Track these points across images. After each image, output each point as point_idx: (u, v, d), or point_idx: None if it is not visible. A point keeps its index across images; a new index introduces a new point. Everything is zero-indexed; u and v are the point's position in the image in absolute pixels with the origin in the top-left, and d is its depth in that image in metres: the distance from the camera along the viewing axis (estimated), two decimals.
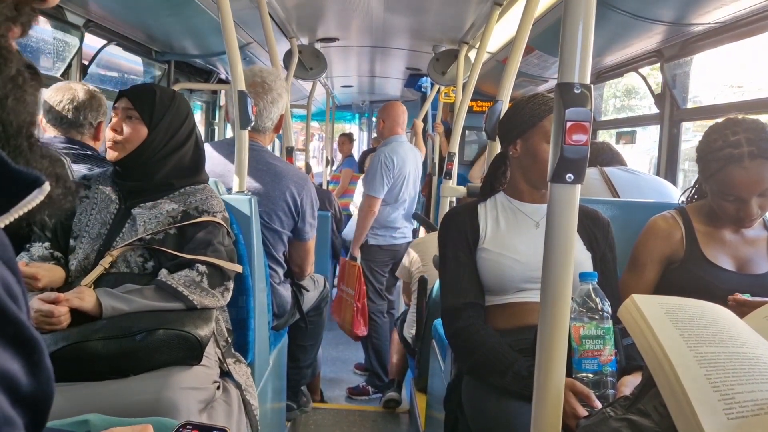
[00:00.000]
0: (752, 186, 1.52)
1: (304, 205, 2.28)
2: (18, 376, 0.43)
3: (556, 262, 0.98)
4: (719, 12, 2.18)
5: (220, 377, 1.60)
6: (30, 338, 0.45)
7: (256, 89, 2.25)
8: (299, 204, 2.27)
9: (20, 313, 0.44)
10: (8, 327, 0.43)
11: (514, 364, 1.44)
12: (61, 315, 1.40)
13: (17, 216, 0.47)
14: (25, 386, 0.44)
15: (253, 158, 2.13)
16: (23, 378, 0.43)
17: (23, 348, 0.44)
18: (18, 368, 0.43)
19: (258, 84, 2.26)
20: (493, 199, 1.72)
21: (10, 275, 0.45)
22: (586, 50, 0.95)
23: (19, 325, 0.43)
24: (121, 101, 1.65)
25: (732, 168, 1.54)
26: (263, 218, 2.17)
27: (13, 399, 0.42)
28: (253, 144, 2.18)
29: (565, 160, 0.95)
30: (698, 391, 0.72)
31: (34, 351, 0.45)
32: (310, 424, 3.22)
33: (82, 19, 2.72)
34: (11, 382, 0.42)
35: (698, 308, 0.88)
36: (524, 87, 4.36)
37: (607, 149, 2.72)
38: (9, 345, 0.42)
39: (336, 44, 4.12)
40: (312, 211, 2.33)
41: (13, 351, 0.43)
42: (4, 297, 0.42)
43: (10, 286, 0.44)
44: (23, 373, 0.43)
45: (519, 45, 2.24)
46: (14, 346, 0.43)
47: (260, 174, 2.23)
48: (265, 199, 2.20)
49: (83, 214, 1.65)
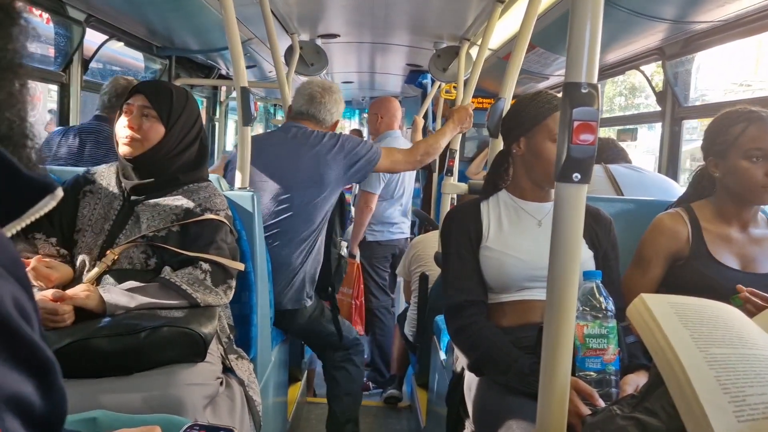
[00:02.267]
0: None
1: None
2: (31, 399, 0.42)
3: (562, 262, 0.98)
4: (722, 10, 2.17)
5: (223, 373, 1.60)
6: (44, 360, 0.44)
7: (324, 85, 2.52)
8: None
9: (33, 334, 0.43)
10: (22, 349, 0.42)
11: (517, 361, 1.45)
12: (65, 313, 1.40)
13: (29, 221, 0.47)
14: (39, 409, 0.43)
15: (303, 144, 2.37)
16: (37, 400, 0.43)
17: (37, 370, 0.43)
18: (31, 391, 0.42)
19: (324, 83, 2.55)
20: (496, 197, 1.72)
21: (23, 293, 0.44)
22: (593, 49, 0.94)
23: (32, 347, 0.43)
24: (137, 98, 1.65)
25: (755, 125, 1.58)
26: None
27: (26, 422, 0.41)
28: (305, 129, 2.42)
29: (571, 159, 0.95)
30: (708, 393, 0.72)
31: (48, 373, 0.44)
32: (312, 418, 3.23)
33: (83, 14, 2.72)
34: (24, 405, 0.42)
35: (708, 308, 0.87)
36: (525, 84, 4.36)
37: (612, 146, 2.72)
38: (22, 367, 0.42)
39: (337, 40, 4.11)
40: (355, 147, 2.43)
41: (27, 373, 0.42)
42: (17, 319, 0.42)
43: (23, 305, 0.43)
44: (36, 395, 0.43)
45: (522, 42, 2.23)
46: (27, 368, 0.42)
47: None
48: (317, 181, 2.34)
49: (87, 209, 1.65)
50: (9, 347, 0.41)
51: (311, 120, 2.48)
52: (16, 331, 0.42)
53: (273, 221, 2.34)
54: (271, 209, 2.35)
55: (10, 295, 0.42)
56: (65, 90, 2.81)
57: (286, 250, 2.35)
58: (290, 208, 2.35)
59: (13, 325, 0.41)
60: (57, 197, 0.48)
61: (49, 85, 3.11)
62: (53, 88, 2.95)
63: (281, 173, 2.37)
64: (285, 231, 2.35)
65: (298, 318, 2.45)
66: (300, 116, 2.49)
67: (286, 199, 2.35)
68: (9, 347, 0.41)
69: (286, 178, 2.36)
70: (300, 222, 2.36)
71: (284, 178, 2.36)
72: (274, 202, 2.35)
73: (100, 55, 3.13)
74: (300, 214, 2.35)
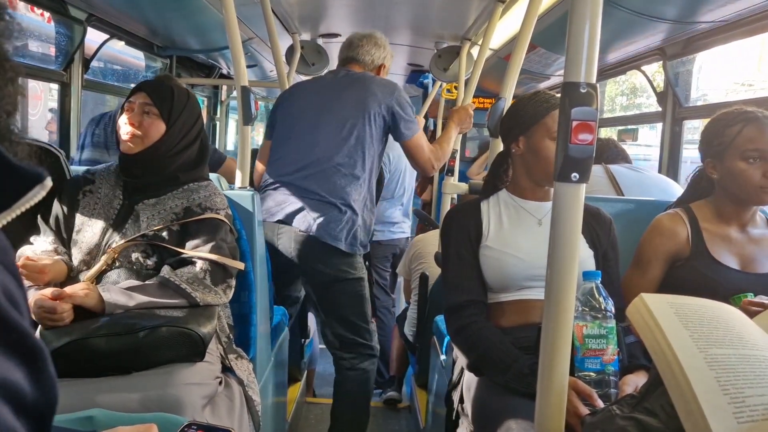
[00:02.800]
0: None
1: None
2: (21, 386, 0.42)
3: (560, 262, 0.98)
4: (723, 10, 2.17)
5: (222, 373, 1.60)
6: (33, 346, 0.44)
7: (363, 33, 2.59)
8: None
9: (22, 320, 0.43)
10: (10, 335, 0.42)
11: (516, 361, 1.45)
12: (63, 311, 1.40)
13: (19, 212, 0.47)
14: (29, 395, 0.43)
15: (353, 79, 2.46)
16: (26, 387, 0.42)
17: (26, 356, 0.43)
18: (21, 377, 0.42)
19: (365, 32, 2.61)
20: (496, 196, 1.72)
21: (12, 280, 0.44)
22: (593, 49, 0.94)
23: (21, 333, 0.42)
24: (138, 95, 1.66)
25: (751, 125, 1.57)
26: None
27: (16, 409, 0.41)
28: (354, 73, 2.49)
29: (570, 159, 0.95)
30: (708, 394, 0.71)
31: (37, 359, 0.44)
32: (311, 418, 3.23)
33: (84, 13, 2.72)
34: (14, 391, 0.41)
35: (708, 308, 0.87)
36: (526, 84, 4.36)
37: (612, 146, 2.72)
38: (11, 354, 0.41)
39: (338, 40, 4.10)
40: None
41: (16, 360, 0.42)
42: (5, 304, 0.42)
43: (11, 292, 0.43)
44: (26, 382, 0.43)
45: (522, 42, 2.23)
46: (17, 354, 0.42)
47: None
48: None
49: (86, 209, 1.65)
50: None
51: (355, 63, 2.54)
52: (4, 317, 0.41)
53: (337, 152, 2.32)
54: (336, 139, 2.33)
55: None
56: (66, 89, 2.81)
57: (349, 187, 2.32)
58: (348, 138, 2.33)
59: (2, 311, 0.41)
60: (46, 187, 0.47)
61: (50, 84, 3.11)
62: (54, 87, 2.95)
63: (336, 105, 2.38)
64: (345, 164, 2.33)
65: (345, 267, 2.36)
66: (345, 62, 2.56)
67: (347, 129, 2.34)
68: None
69: (340, 110, 2.37)
70: (357, 156, 2.34)
71: (339, 111, 2.37)
72: (338, 132, 2.33)
73: (100, 54, 3.13)
74: (355, 148, 2.34)
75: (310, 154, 2.33)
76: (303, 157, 2.34)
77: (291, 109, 2.47)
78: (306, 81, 2.78)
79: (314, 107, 2.41)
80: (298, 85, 2.77)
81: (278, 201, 2.34)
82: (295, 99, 2.51)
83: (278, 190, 2.36)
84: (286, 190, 2.35)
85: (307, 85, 2.68)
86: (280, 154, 2.41)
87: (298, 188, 2.32)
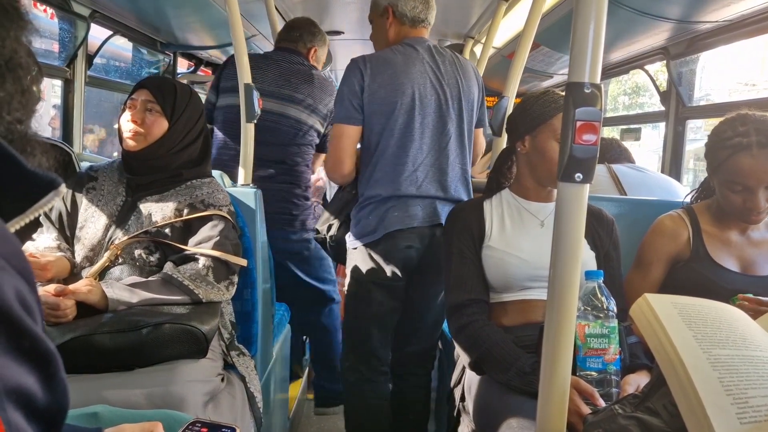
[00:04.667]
0: (760, 174, 1.53)
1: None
2: (33, 391, 0.42)
3: (563, 262, 0.98)
4: (727, 10, 2.16)
5: (224, 369, 1.60)
6: (45, 351, 0.44)
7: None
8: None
9: (35, 326, 0.43)
10: (24, 341, 0.42)
11: (518, 360, 1.45)
12: (67, 308, 1.40)
13: (33, 218, 0.47)
14: (41, 400, 0.43)
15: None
16: (38, 392, 0.43)
17: (39, 362, 0.43)
18: (33, 382, 0.42)
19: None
20: (499, 196, 1.72)
21: (25, 286, 0.44)
22: (597, 49, 0.94)
23: (34, 339, 0.43)
24: (141, 93, 1.66)
25: (740, 156, 1.54)
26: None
27: (28, 414, 0.41)
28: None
29: (574, 159, 0.95)
30: (711, 394, 0.71)
31: (49, 364, 0.44)
32: (312, 416, 3.23)
33: (87, 9, 2.71)
34: (27, 397, 0.41)
35: (712, 309, 0.87)
36: (529, 82, 4.35)
37: (616, 146, 2.71)
38: (25, 359, 0.42)
39: (341, 37, 4.10)
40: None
41: (29, 365, 0.42)
42: (19, 311, 0.42)
43: (25, 297, 0.43)
44: (39, 387, 0.43)
45: (526, 41, 2.23)
46: (30, 360, 0.42)
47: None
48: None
49: (89, 206, 1.66)
50: (11, 339, 0.41)
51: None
52: (18, 323, 0.41)
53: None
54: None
55: (12, 287, 0.42)
56: (69, 85, 2.81)
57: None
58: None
59: (15, 317, 0.41)
60: (60, 193, 0.48)
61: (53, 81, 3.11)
62: (57, 84, 2.94)
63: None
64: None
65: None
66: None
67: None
68: (11, 339, 0.41)
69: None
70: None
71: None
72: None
73: (103, 51, 3.13)
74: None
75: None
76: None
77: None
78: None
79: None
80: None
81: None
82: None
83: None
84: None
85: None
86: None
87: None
